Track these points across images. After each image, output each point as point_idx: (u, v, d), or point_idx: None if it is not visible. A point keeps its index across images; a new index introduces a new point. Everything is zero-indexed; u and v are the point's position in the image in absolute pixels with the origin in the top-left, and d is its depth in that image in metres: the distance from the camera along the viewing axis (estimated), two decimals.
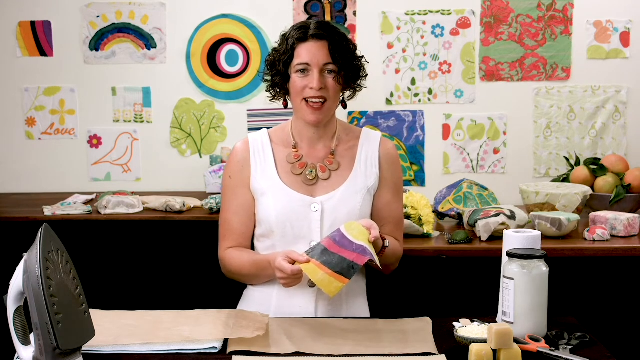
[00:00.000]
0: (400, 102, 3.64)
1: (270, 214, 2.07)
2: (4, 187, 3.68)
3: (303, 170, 2.10)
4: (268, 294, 2.10)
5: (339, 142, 2.14)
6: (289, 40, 2.05)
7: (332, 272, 1.84)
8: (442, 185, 3.32)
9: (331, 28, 2.06)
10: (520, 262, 1.80)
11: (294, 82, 2.05)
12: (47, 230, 1.57)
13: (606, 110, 3.62)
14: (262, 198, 2.09)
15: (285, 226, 2.06)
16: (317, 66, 2.02)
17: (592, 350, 1.75)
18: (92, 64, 3.66)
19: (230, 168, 2.15)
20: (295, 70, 2.05)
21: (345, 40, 2.07)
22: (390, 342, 1.80)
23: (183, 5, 3.63)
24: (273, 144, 2.14)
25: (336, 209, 2.06)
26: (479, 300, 2.47)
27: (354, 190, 2.09)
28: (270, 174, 2.09)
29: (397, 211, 2.17)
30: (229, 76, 3.67)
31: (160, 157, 3.69)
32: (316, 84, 2.02)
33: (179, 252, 3.12)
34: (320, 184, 2.09)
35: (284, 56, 2.05)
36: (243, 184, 2.12)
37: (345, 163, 2.12)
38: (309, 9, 3.61)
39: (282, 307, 2.07)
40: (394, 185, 2.16)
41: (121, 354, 1.72)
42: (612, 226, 2.84)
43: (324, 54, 2.02)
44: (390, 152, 2.17)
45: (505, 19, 3.59)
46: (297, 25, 2.08)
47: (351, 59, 2.07)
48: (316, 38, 2.03)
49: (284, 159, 2.12)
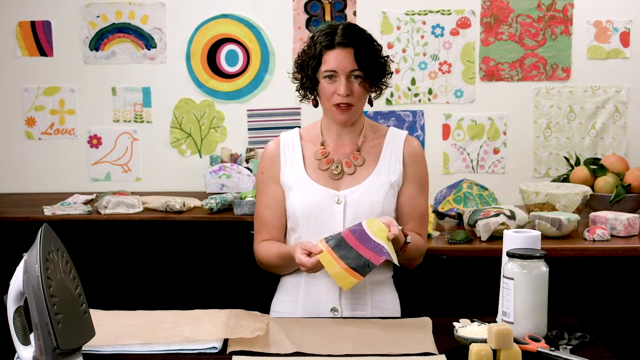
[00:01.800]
0: (400, 102, 3.64)
1: (296, 207, 2.13)
2: (4, 187, 3.68)
3: (329, 166, 2.16)
4: (297, 282, 2.15)
5: (365, 139, 2.20)
6: (316, 45, 2.11)
7: (348, 268, 1.90)
8: (442, 185, 3.32)
9: (357, 33, 2.11)
10: (520, 262, 1.80)
11: (322, 87, 2.12)
12: (47, 230, 1.57)
13: (606, 110, 3.62)
14: (289, 192, 2.16)
15: (309, 219, 2.12)
16: (343, 73, 2.08)
17: (592, 350, 1.75)
18: (92, 64, 3.66)
19: (262, 164, 2.23)
20: (323, 76, 2.11)
21: (370, 45, 2.13)
22: (390, 342, 1.80)
23: (183, 5, 3.63)
24: (303, 141, 2.21)
25: (359, 201, 2.11)
26: (479, 300, 2.46)
27: (377, 184, 2.13)
28: (298, 169, 2.17)
29: (421, 207, 2.21)
30: (229, 76, 3.67)
31: (160, 157, 3.69)
32: (343, 90, 2.08)
33: (179, 252, 3.13)
34: (346, 178, 2.15)
35: (312, 61, 2.12)
36: (273, 179, 2.19)
37: (370, 159, 2.18)
38: (309, 9, 3.61)
39: (309, 296, 2.12)
40: (418, 181, 2.19)
41: (121, 354, 1.72)
42: (612, 226, 2.84)
43: (350, 61, 2.08)
44: (415, 150, 2.21)
45: (505, 19, 3.59)
46: (324, 28, 2.14)
47: (376, 63, 2.13)
48: (342, 45, 2.08)
49: (312, 155, 2.19)
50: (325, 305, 2.09)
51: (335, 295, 2.09)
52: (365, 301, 2.11)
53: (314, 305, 2.10)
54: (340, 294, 2.10)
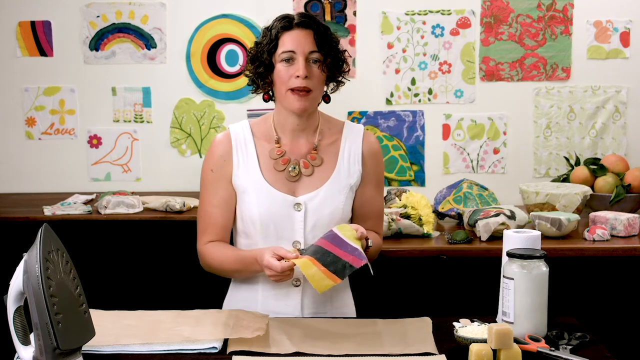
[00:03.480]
0: (400, 102, 3.64)
1: (253, 213, 2.06)
2: (4, 187, 3.68)
3: (286, 167, 2.08)
4: (254, 292, 2.10)
5: (322, 136, 2.13)
6: (272, 30, 2.05)
7: (326, 270, 1.84)
8: (442, 185, 3.32)
9: (315, 18, 2.07)
10: (520, 262, 1.80)
11: (278, 72, 2.04)
12: (47, 230, 1.57)
13: (606, 110, 3.62)
14: (244, 195, 2.08)
15: (268, 226, 2.05)
16: (302, 54, 2.02)
17: (592, 350, 1.75)
18: (92, 64, 3.66)
19: (211, 161, 2.13)
20: (280, 59, 2.03)
21: (329, 31, 2.08)
22: (390, 342, 1.80)
23: (183, 5, 3.63)
24: (255, 138, 2.12)
25: (319, 208, 2.06)
26: (479, 300, 2.47)
27: (337, 188, 2.08)
28: (253, 170, 2.08)
29: (379, 205, 2.19)
30: (229, 76, 3.67)
31: (160, 157, 3.69)
32: (302, 71, 2.00)
33: (179, 252, 3.12)
34: (303, 180, 2.08)
35: (268, 46, 2.04)
36: (225, 178, 2.10)
37: (328, 159, 2.11)
38: (309, 9, 3.61)
39: (268, 306, 2.07)
40: (376, 181, 2.16)
41: (121, 354, 1.72)
42: (612, 226, 2.84)
43: (309, 41, 2.02)
44: (373, 147, 2.16)
45: (505, 19, 3.59)
46: (279, 16, 2.08)
47: (335, 49, 2.08)
48: (301, 26, 2.03)
49: (267, 154, 2.10)
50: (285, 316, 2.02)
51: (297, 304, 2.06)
52: (325, 309, 2.09)
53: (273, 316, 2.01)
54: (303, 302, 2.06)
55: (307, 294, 2.07)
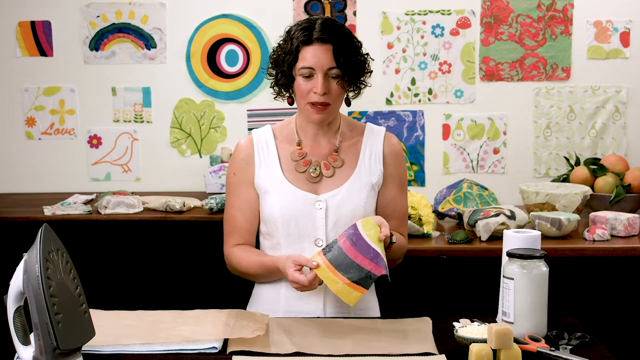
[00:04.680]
0: (400, 102, 3.64)
1: (274, 212, 2.07)
2: (4, 187, 3.68)
3: (307, 168, 2.09)
4: (276, 293, 2.11)
5: (343, 138, 2.14)
6: (293, 40, 2.03)
7: (350, 282, 1.84)
8: (442, 185, 3.32)
9: (336, 29, 2.03)
10: (520, 262, 1.80)
11: (298, 85, 2.04)
12: (47, 230, 1.57)
13: (606, 110, 3.62)
14: (266, 196, 2.09)
15: (289, 224, 2.06)
16: (321, 70, 2.01)
17: (592, 350, 1.75)
18: (92, 64, 3.66)
19: (234, 165, 2.15)
20: (299, 73, 2.03)
21: (350, 42, 2.04)
22: (390, 342, 1.79)
23: (183, 5, 3.63)
24: (277, 140, 2.14)
25: (340, 206, 2.06)
26: (479, 300, 2.47)
27: (358, 187, 2.08)
28: (274, 171, 2.09)
29: (403, 206, 2.18)
30: (229, 76, 3.67)
31: (160, 157, 3.69)
32: (320, 89, 2.00)
33: (179, 252, 3.13)
34: (325, 181, 2.09)
35: (288, 57, 2.04)
36: (247, 181, 2.12)
37: (349, 160, 2.12)
38: (309, 9, 3.61)
39: (290, 306, 2.08)
40: (399, 181, 2.16)
41: (121, 354, 1.72)
42: (612, 226, 2.84)
43: (328, 57, 2.00)
44: (395, 148, 2.16)
45: (505, 19, 3.59)
46: (302, 23, 2.05)
47: (355, 61, 2.05)
48: (321, 41, 2.00)
49: (288, 156, 2.11)
50: (308, 315, 2.04)
51: (319, 304, 2.06)
52: (348, 310, 2.07)
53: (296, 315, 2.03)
54: (325, 303, 2.06)
55: (329, 293, 2.06)
